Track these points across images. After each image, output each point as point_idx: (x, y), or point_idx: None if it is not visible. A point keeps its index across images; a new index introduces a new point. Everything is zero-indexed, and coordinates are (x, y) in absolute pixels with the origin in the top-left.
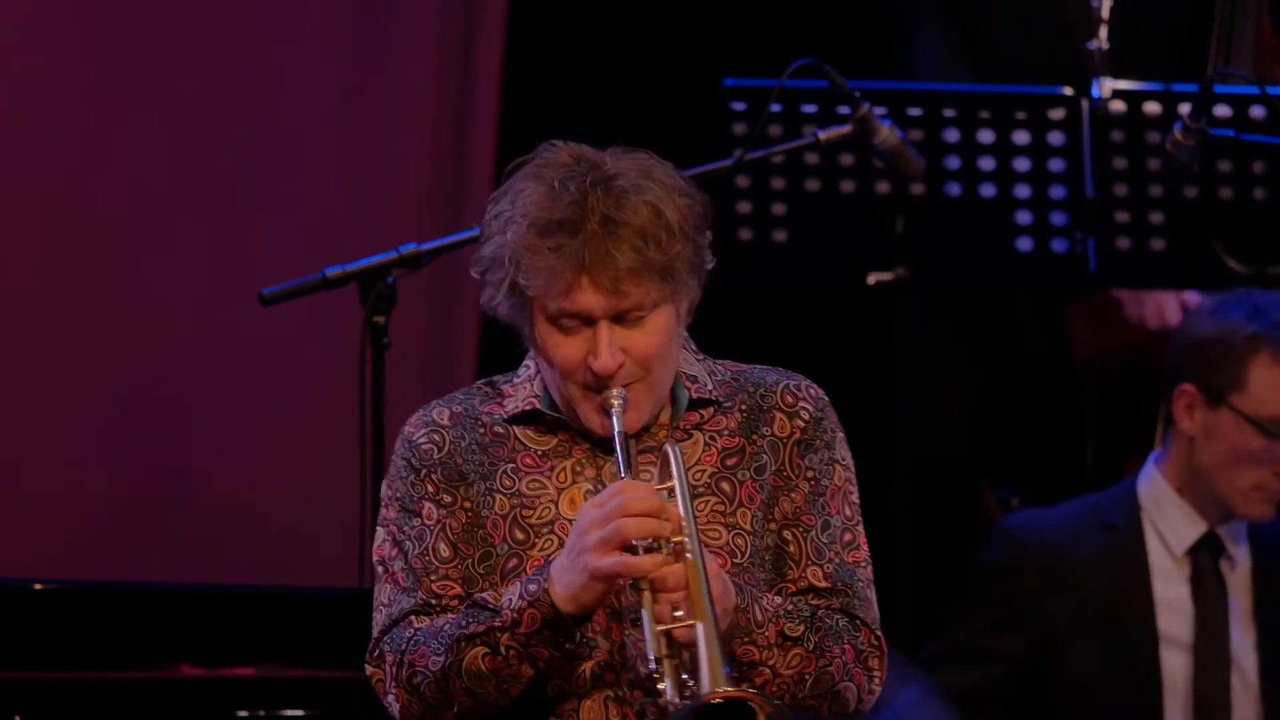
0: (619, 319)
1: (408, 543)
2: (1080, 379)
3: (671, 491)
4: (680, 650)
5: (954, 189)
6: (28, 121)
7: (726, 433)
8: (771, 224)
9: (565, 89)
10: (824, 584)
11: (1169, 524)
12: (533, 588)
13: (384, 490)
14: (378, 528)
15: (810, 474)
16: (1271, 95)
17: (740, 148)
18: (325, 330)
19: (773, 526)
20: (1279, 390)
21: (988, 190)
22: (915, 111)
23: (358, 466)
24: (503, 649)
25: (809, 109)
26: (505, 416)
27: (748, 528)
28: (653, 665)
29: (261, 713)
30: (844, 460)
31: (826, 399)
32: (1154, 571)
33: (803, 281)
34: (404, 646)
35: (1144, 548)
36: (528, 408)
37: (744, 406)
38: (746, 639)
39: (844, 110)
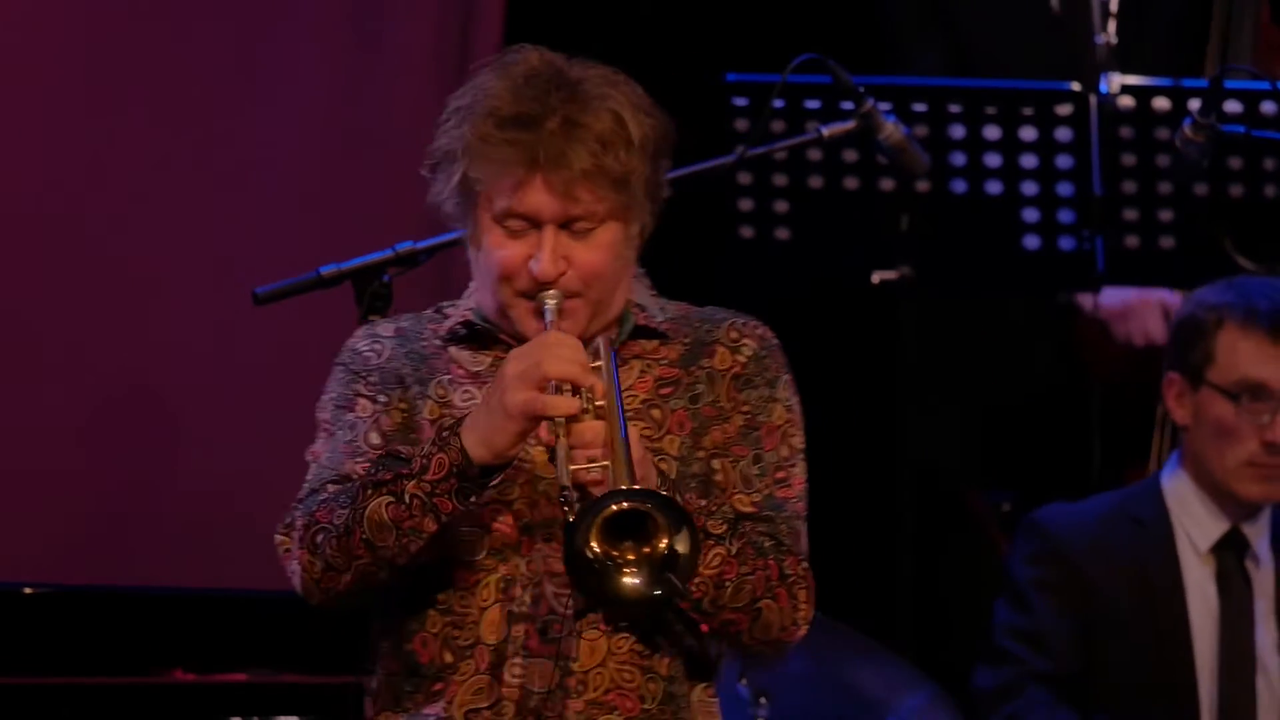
0: (566, 227)
1: (340, 432)
2: (1090, 386)
3: (599, 370)
4: (589, 493)
5: (959, 186)
6: (18, 118)
7: (665, 362)
8: (774, 221)
9: None
10: (750, 509)
11: (1193, 520)
12: (445, 434)
13: (320, 401)
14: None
15: (746, 409)
16: None
17: (742, 144)
18: (320, 329)
19: (701, 455)
20: (1241, 354)
21: (994, 187)
22: (920, 107)
23: None
24: (407, 496)
25: (812, 104)
26: (443, 334)
27: (674, 453)
28: (564, 491)
29: (255, 718)
30: (786, 401)
31: (776, 341)
32: (1183, 567)
33: (806, 280)
34: (314, 508)
35: (1174, 543)
36: (461, 320)
37: (688, 340)
38: None
39: (848, 106)
